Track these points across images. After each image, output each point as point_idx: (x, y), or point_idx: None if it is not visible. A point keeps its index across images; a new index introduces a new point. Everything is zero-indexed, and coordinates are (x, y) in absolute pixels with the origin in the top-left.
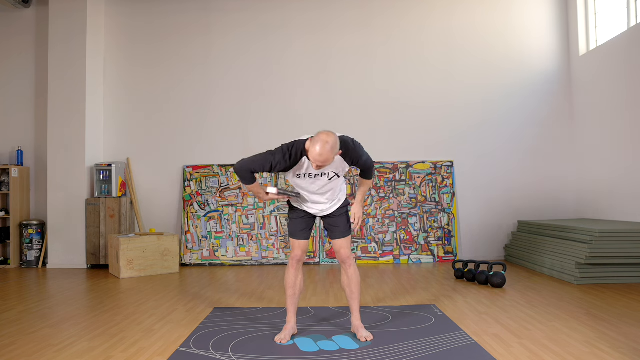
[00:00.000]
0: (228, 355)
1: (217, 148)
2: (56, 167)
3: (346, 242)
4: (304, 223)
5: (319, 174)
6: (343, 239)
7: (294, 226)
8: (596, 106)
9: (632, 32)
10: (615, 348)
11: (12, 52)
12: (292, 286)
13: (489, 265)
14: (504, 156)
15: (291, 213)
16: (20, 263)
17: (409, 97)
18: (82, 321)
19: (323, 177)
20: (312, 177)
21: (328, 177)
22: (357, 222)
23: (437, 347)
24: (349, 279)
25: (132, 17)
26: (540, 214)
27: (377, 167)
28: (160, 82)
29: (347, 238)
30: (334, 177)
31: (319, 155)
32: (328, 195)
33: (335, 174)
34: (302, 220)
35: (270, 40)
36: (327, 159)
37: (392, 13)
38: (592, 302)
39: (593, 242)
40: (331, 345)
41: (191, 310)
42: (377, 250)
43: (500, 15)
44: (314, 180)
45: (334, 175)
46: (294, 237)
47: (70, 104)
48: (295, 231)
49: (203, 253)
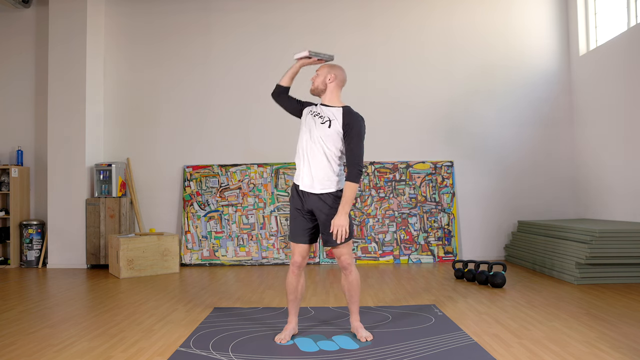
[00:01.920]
0: (228, 355)
1: (217, 148)
2: (56, 167)
3: (346, 249)
4: (303, 223)
5: (320, 117)
6: (341, 246)
7: (292, 228)
8: (596, 106)
9: (632, 32)
10: (615, 348)
11: (12, 52)
12: (293, 291)
13: (489, 265)
14: (504, 156)
15: (291, 212)
16: (20, 263)
17: (409, 97)
18: (82, 321)
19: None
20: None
21: (322, 119)
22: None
23: (437, 347)
24: (349, 285)
25: (132, 17)
26: (540, 214)
27: (377, 167)
28: (160, 82)
29: (346, 244)
30: (327, 123)
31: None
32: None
33: (329, 120)
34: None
35: (270, 41)
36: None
37: (392, 13)
38: (592, 302)
39: (593, 242)
40: (331, 345)
41: (191, 310)
42: (377, 250)
43: (500, 15)
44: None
45: (328, 121)
46: (293, 240)
47: (70, 104)
48: (294, 234)
49: (203, 253)
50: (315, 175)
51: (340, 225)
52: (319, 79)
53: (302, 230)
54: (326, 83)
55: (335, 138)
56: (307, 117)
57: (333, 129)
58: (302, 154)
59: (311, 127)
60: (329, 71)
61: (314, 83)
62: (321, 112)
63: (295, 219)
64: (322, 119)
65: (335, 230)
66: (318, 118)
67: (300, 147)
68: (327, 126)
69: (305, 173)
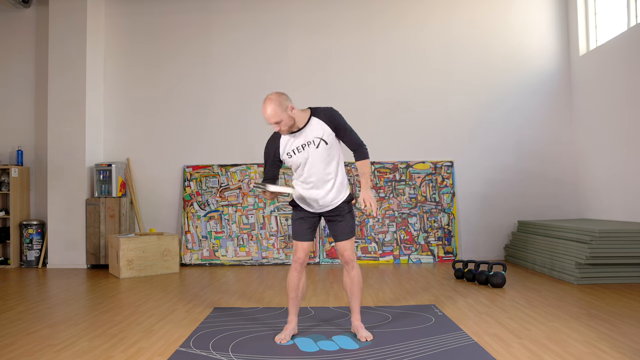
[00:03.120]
0: (228, 355)
1: (217, 148)
2: (56, 167)
3: (350, 244)
4: (307, 224)
5: (306, 144)
6: (347, 241)
7: (296, 228)
8: (596, 106)
9: (632, 32)
10: (615, 348)
11: (12, 51)
12: (295, 289)
13: (489, 265)
14: (503, 156)
15: (294, 214)
16: (20, 263)
17: (409, 97)
18: (82, 321)
19: (310, 146)
20: (300, 152)
21: (315, 144)
22: (371, 206)
23: (437, 347)
24: (351, 281)
25: (132, 17)
26: (540, 214)
27: (377, 167)
28: (160, 82)
29: (350, 240)
30: (320, 143)
31: (266, 113)
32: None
33: (320, 139)
34: (304, 221)
35: (270, 40)
36: (275, 112)
37: (392, 13)
38: (592, 302)
39: (593, 242)
40: (331, 345)
41: (191, 310)
42: (377, 250)
43: (500, 15)
44: (304, 155)
45: (319, 140)
46: (296, 238)
47: (70, 104)
48: (298, 233)
49: (203, 253)
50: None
51: (370, 197)
52: (284, 123)
53: (305, 229)
54: (292, 116)
55: (332, 144)
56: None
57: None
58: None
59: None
60: (283, 108)
61: (283, 131)
62: (305, 139)
63: (299, 219)
64: (312, 144)
65: (368, 204)
66: (306, 147)
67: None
68: (323, 144)
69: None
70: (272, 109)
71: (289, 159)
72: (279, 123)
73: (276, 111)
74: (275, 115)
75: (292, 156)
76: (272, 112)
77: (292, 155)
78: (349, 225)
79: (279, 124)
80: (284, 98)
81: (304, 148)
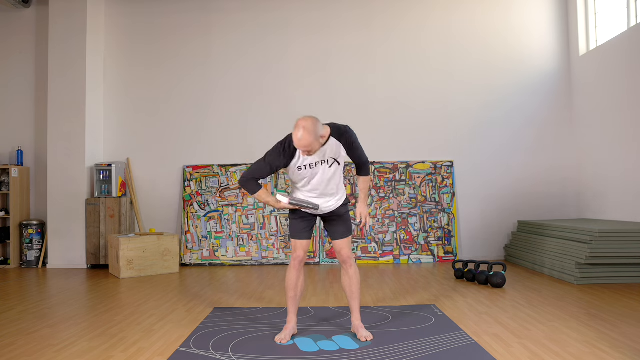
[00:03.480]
0: (228, 355)
1: (217, 148)
2: (56, 167)
3: (347, 243)
4: (305, 223)
5: (319, 162)
6: (344, 240)
7: (294, 227)
8: (596, 106)
9: (632, 32)
10: (615, 348)
11: (12, 51)
12: (294, 288)
13: (489, 265)
14: (504, 156)
15: (292, 214)
16: (20, 263)
17: (408, 97)
18: (82, 321)
19: (323, 164)
20: (312, 168)
21: (328, 164)
22: (364, 221)
23: (437, 347)
24: (349, 279)
25: (132, 17)
26: (540, 214)
27: (377, 167)
28: (160, 82)
29: (347, 238)
30: (333, 164)
31: (299, 141)
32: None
33: (334, 160)
34: (303, 220)
35: (270, 40)
36: (309, 142)
37: (392, 13)
38: (592, 302)
39: (593, 242)
40: (331, 345)
41: (191, 310)
42: (377, 250)
43: (500, 15)
44: (315, 171)
45: (333, 161)
46: (295, 237)
47: (70, 104)
48: (296, 232)
49: (203, 253)
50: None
51: (365, 213)
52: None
53: (304, 228)
54: (321, 143)
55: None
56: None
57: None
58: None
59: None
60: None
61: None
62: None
63: (297, 218)
64: (326, 163)
65: (363, 218)
66: (319, 165)
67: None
68: (336, 165)
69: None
70: (306, 140)
71: (298, 170)
72: (309, 151)
73: (310, 142)
74: (309, 145)
75: (301, 169)
76: (306, 143)
77: (302, 169)
78: (346, 225)
79: (309, 152)
80: (317, 127)
81: (317, 165)
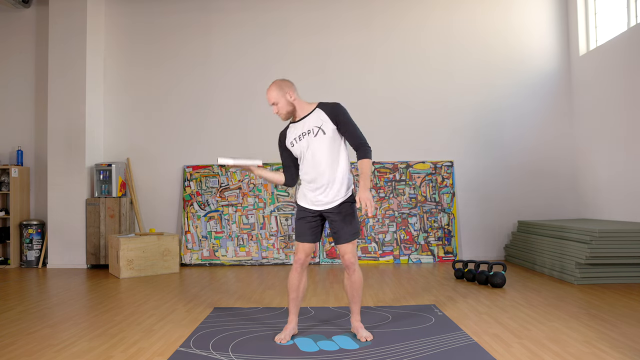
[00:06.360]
0: (228, 355)
1: (217, 148)
2: (56, 167)
3: (351, 247)
4: (309, 225)
5: (305, 132)
6: (348, 244)
7: (298, 228)
8: (596, 106)
9: (632, 32)
10: (615, 348)
11: (12, 52)
12: (295, 289)
13: (489, 265)
14: (503, 156)
15: (296, 214)
16: (20, 263)
17: (408, 97)
18: (82, 321)
19: (310, 135)
20: (302, 139)
21: (313, 133)
22: (368, 207)
23: (437, 347)
24: (352, 284)
25: (132, 17)
26: (540, 214)
27: (377, 167)
28: (160, 82)
29: (352, 243)
30: (318, 132)
31: (267, 92)
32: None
33: (318, 128)
34: (306, 221)
35: (270, 40)
36: (275, 94)
37: (392, 13)
38: (592, 302)
39: (593, 242)
40: (331, 345)
41: (191, 310)
42: (377, 250)
43: (500, 15)
44: (305, 144)
45: (317, 129)
46: (298, 239)
47: (70, 103)
48: (299, 233)
49: (203, 253)
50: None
51: (367, 198)
52: (281, 106)
53: (308, 230)
54: (291, 102)
55: (333, 137)
56: (295, 145)
57: (327, 130)
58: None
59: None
60: (283, 92)
61: (280, 114)
62: (303, 129)
63: (301, 219)
64: (311, 132)
65: (364, 204)
66: (306, 136)
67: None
68: (321, 134)
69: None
70: (271, 90)
71: (292, 147)
72: (276, 105)
73: (274, 93)
74: (273, 97)
75: (294, 145)
76: (273, 94)
77: (293, 143)
78: (351, 228)
79: (276, 106)
80: (287, 84)
81: (303, 136)
